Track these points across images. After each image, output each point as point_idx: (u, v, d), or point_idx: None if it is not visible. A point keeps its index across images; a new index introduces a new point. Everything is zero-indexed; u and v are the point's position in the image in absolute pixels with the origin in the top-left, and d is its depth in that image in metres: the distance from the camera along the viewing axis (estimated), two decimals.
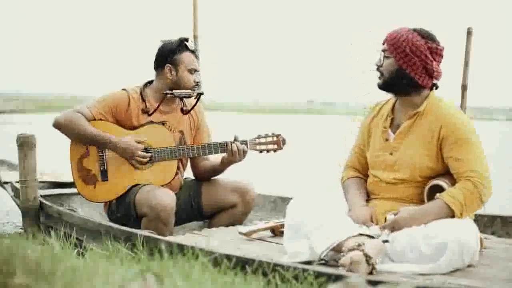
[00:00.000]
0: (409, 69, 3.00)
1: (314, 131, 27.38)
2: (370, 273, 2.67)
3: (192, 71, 3.83)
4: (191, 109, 3.93)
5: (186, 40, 3.84)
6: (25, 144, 4.09)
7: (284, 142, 3.90)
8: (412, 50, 2.98)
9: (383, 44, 3.08)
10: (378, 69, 3.08)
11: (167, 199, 3.61)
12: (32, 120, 25.28)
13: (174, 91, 3.80)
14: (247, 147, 3.82)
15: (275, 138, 3.88)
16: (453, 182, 2.96)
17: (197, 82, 3.85)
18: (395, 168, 3.06)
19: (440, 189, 2.94)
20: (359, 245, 2.71)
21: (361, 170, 3.29)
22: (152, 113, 3.82)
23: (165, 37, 3.91)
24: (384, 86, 3.08)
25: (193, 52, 3.85)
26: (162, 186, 3.77)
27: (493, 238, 3.44)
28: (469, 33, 4.20)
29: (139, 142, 3.76)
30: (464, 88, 4.19)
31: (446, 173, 3.01)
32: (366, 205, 3.09)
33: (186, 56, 3.82)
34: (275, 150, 3.90)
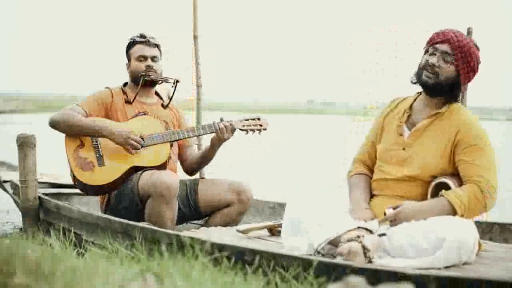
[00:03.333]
0: (463, 78, 3.04)
1: (314, 131, 27.38)
2: None
3: (140, 58, 4.02)
4: (171, 97, 4.11)
5: (139, 36, 4.05)
6: (25, 144, 4.09)
7: (267, 122, 4.08)
8: (476, 66, 3.04)
9: (441, 43, 3.03)
10: (431, 68, 3.03)
11: (171, 179, 3.67)
12: (32, 120, 25.26)
13: (151, 75, 3.99)
14: (233, 124, 3.96)
15: (257, 120, 4.06)
16: (460, 183, 2.98)
17: (148, 66, 4.00)
18: (405, 164, 3.07)
19: (446, 187, 2.95)
20: (358, 236, 2.73)
21: (370, 165, 3.28)
22: (133, 100, 4.01)
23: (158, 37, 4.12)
24: (434, 86, 3.05)
25: (143, 42, 4.03)
26: (159, 166, 3.86)
27: (492, 243, 3.43)
28: (469, 33, 4.19)
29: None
30: (464, 88, 4.18)
31: (455, 175, 3.02)
32: (369, 208, 3.10)
33: (134, 48, 4.05)
34: (260, 131, 4.05)
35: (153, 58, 4.02)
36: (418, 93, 3.21)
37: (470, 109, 3.17)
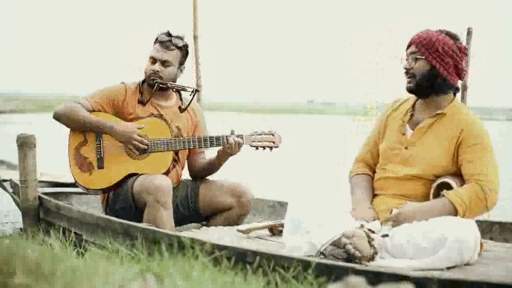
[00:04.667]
0: (441, 68, 3.04)
1: (314, 131, 27.38)
2: (372, 258, 2.68)
3: (151, 59, 3.89)
4: (187, 106, 3.98)
5: (163, 34, 3.89)
6: (25, 144, 4.09)
7: (280, 140, 3.93)
8: (445, 50, 3.03)
9: (409, 47, 3.10)
10: (407, 72, 3.09)
11: (163, 182, 3.64)
12: (32, 120, 25.28)
13: (168, 82, 3.86)
14: (243, 141, 3.84)
15: (271, 136, 3.91)
16: (462, 183, 2.99)
17: (155, 71, 3.85)
18: (409, 163, 3.08)
19: (448, 188, 2.96)
20: (361, 226, 2.74)
21: (372, 165, 3.30)
22: (146, 102, 3.88)
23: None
24: (417, 88, 3.08)
25: (161, 42, 3.87)
26: None
27: (492, 242, 3.43)
28: (469, 33, 4.19)
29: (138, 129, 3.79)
30: (464, 88, 4.19)
31: (458, 175, 3.03)
32: (371, 207, 3.10)
33: (153, 48, 3.90)
34: (271, 148, 3.92)
35: (164, 63, 3.85)
36: None
37: (470, 109, 3.18)
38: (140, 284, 1.94)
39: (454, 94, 3.16)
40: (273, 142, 3.91)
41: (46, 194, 4.38)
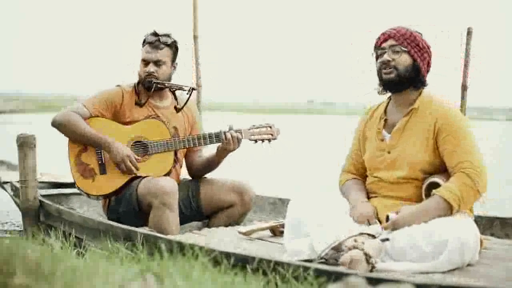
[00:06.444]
0: (421, 63, 3.07)
1: (314, 131, 27.39)
2: (370, 272, 2.68)
3: (143, 62, 3.89)
4: (184, 105, 4.00)
5: (150, 34, 3.91)
6: (25, 144, 4.09)
7: (278, 132, 3.96)
8: (423, 45, 3.07)
9: (386, 40, 3.09)
10: (387, 65, 3.07)
11: (169, 184, 3.64)
12: (32, 120, 25.27)
13: (165, 82, 3.88)
14: (242, 135, 3.86)
15: (268, 129, 3.94)
16: (449, 178, 2.98)
17: (150, 73, 3.86)
18: (395, 166, 3.08)
19: (437, 187, 2.96)
20: (359, 244, 2.72)
21: (358, 175, 3.32)
22: (144, 104, 3.89)
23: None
24: (398, 79, 3.07)
25: (150, 43, 3.88)
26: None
27: (493, 239, 3.44)
28: (469, 33, 4.19)
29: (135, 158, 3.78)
30: (464, 88, 4.19)
31: (445, 170, 3.03)
32: (368, 202, 3.11)
33: (143, 49, 3.91)
34: (269, 140, 3.96)
35: (157, 63, 3.86)
36: (389, 97, 3.24)
37: (470, 109, 3.18)
38: (140, 284, 1.94)
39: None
40: (271, 134, 3.95)
41: (46, 196, 4.38)
